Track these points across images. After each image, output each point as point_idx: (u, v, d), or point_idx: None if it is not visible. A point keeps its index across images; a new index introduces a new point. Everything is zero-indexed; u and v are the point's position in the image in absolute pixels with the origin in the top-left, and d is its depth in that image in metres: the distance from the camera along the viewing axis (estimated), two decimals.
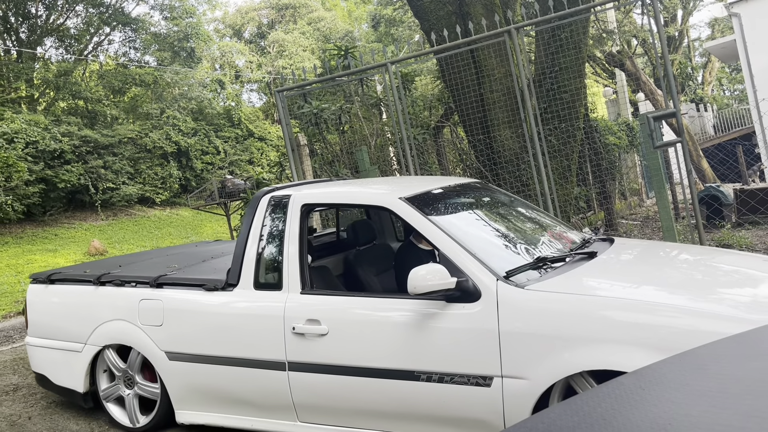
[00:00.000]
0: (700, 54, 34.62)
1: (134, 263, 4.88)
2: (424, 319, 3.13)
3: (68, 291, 4.59)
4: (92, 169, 19.34)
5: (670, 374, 1.17)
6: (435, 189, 3.87)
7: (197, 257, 4.91)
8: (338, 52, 8.51)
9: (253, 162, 25.72)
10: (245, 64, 35.26)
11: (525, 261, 3.30)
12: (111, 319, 4.24)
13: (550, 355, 2.82)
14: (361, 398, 3.32)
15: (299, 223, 3.69)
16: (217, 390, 3.82)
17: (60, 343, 4.54)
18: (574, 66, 7.33)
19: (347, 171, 7.90)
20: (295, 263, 3.61)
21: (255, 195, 3.98)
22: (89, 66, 25.16)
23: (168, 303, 3.99)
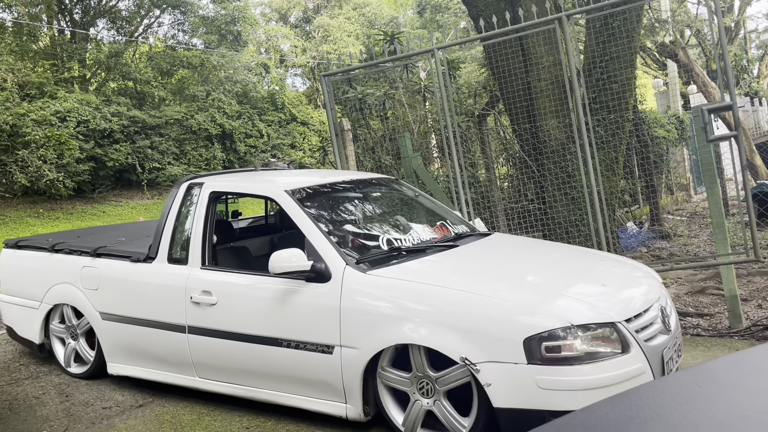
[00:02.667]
0: (757, 46, 33.32)
1: (91, 235, 5.66)
2: (286, 295, 3.69)
3: (30, 256, 5.40)
4: (139, 149, 19.77)
5: (728, 374, 1.14)
6: (327, 183, 4.42)
7: (146, 232, 5.46)
8: (384, 37, 8.48)
9: (296, 146, 25.91)
10: (290, 48, 35.45)
11: (380, 250, 3.84)
12: (60, 282, 5.01)
13: (374, 330, 3.36)
14: (241, 359, 3.91)
15: (206, 208, 4.27)
16: (138, 347, 4.53)
17: (23, 300, 5.35)
18: (625, 56, 7.14)
19: (389, 157, 7.90)
20: (199, 242, 4.21)
21: (177, 181, 4.63)
22: (139, 48, 25.67)
23: (102, 270, 4.71)
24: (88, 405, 4.60)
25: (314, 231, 3.76)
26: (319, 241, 3.70)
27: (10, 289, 5.52)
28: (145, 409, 4.42)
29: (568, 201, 7.20)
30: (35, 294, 5.21)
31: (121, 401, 4.61)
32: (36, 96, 18.24)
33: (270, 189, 4.26)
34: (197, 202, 4.34)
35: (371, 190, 4.77)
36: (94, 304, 4.73)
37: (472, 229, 4.70)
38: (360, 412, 3.52)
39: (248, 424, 3.99)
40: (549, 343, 2.95)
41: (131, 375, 4.68)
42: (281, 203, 4.00)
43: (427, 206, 4.84)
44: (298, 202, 3.95)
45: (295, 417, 3.97)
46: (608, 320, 3.08)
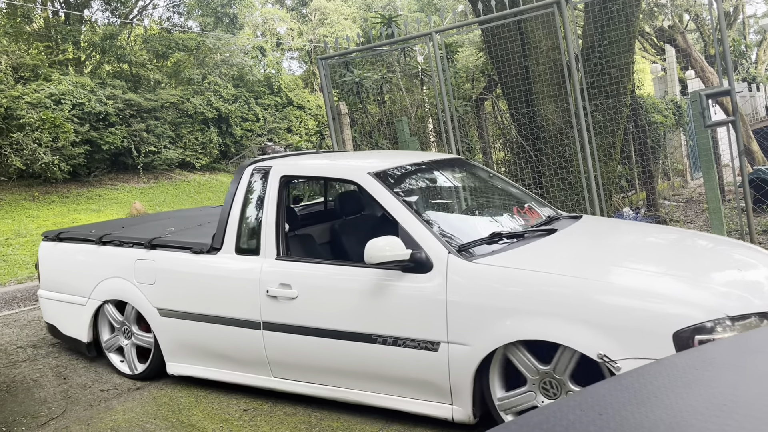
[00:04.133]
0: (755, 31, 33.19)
1: (137, 225, 5.26)
2: (381, 287, 3.37)
3: (74, 249, 4.99)
4: (135, 132, 19.67)
5: (725, 357, 1.14)
6: (408, 164, 4.04)
7: (195, 221, 5.21)
8: (381, 20, 8.42)
9: (292, 130, 25.81)
10: (286, 31, 35.18)
11: (480, 236, 3.50)
12: (110, 277, 4.63)
13: (490, 324, 3.04)
14: (326, 357, 3.62)
15: (278, 193, 3.92)
16: (202, 345, 4.18)
17: (67, 296, 4.95)
18: (623, 40, 7.11)
19: (386, 141, 7.88)
20: (272, 231, 3.86)
21: (240, 165, 4.24)
22: (134, 30, 25.44)
23: (160, 263, 4.34)
24: (86, 387, 4.62)
25: (409, 216, 3.42)
26: (415, 227, 3.37)
27: (52, 284, 5.10)
28: (142, 391, 4.44)
29: (565, 186, 7.20)
30: (82, 290, 4.82)
31: (119, 384, 4.62)
32: (30, 78, 18.09)
33: (351, 172, 3.82)
34: (267, 188, 3.96)
35: (450, 171, 4.35)
36: (150, 299, 4.36)
37: (557, 212, 4.31)
38: (469, 413, 3.23)
39: (246, 406, 4.01)
40: (702, 336, 2.63)
41: (193, 375, 4.34)
42: (366, 187, 3.61)
43: (506, 187, 4.44)
44: (385, 185, 3.60)
45: (291, 401, 3.99)
46: (758, 310, 2.78)
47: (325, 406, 3.85)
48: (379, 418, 3.63)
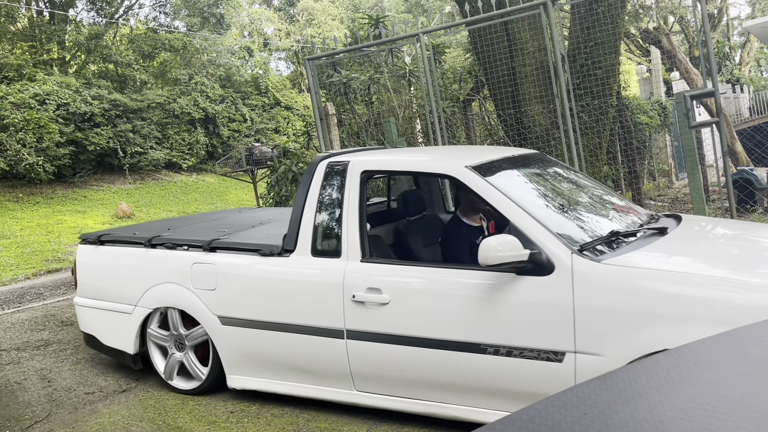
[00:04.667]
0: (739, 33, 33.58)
1: (182, 227, 4.79)
2: (493, 291, 3.05)
3: (119, 252, 4.52)
4: (121, 133, 19.53)
5: (708, 355, 1.15)
6: (498, 158, 3.67)
7: (245, 223, 4.80)
8: (369, 21, 8.42)
9: (280, 131, 25.76)
10: (274, 32, 35.10)
11: (597, 234, 3.19)
12: (162, 282, 4.19)
13: (629, 332, 2.74)
14: (423, 369, 3.27)
15: (359, 190, 3.58)
16: (271, 356, 3.81)
17: (110, 304, 4.50)
18: (609, 42, 7.16)
19: (374, 142, 7.87)
20: (355, 231, 3.52)
21: (312, 161, 3.87)
22: (120, 30, 25.26)
23: (222, 267, 3.93)
24: (71, 390, 4.57)
25: (521, 213, 3.09)
26: (530, 225, 3.04)
27: (92, 291, 4.63)
28: (128, 393, 4.41)
29: None
30: (128, 296, 4.37)
31: (105, 386, 4.58)
32: (14, 78, 17.91)
33: (446, 166, 3.47)
34: (346, 184, 3.61)
35: (538, 167, 3.99)
36: (210, 306, 3.95)
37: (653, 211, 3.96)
38: None
39: (233, 408, 3.99)
40: None
41: (259, 389, 3.96)
42: (467, 182, 3.28)
43: (593, 184, 4.15)
44: (486, 180, 3.28)
45: (278, 402, 3.97)
46: None
47: (312, 408, 3.84)
48: (367, 419, 3.62)
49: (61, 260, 11.26)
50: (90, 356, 5.27)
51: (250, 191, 18.74)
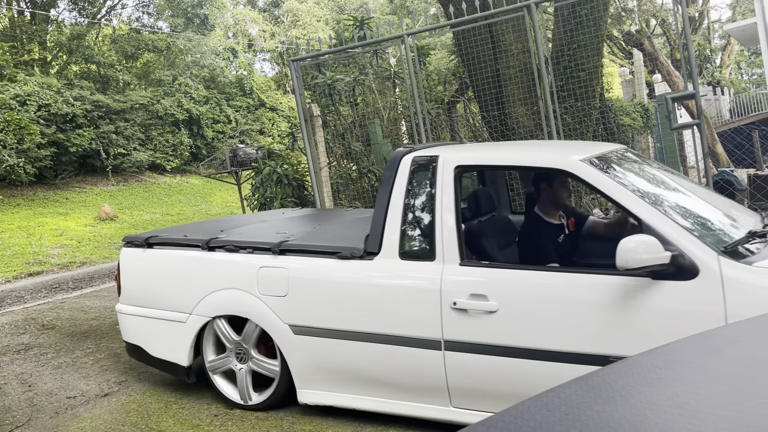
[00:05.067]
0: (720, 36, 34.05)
1: (235, 228, 4.39)
2: (627, 298, 2.76)
3: (171, 256, 4.14)
4: (103, 134, 19.36)
5: (688, 355, 1.17)
6: (603, 153, 3.35)
7: (300, 224, 4.40)
8: (353, 22, 8.42)
9: (264, 132, 25.67)
10: (258, 33, 34.98)
11: (734, 235, 2.91)
12: (223, 288, 3.84)
13: None
14: (536, 383, 2.95)
15: (453, 187, 3.27)
16: (351, 368, 3.50)
17: (159, 312, 4.12)
18: (592, 44, 7.23)
19: (359, 144, 7.88)
20: (452, 232, 3.21)
21: (392, 156, 3.58)
22: (102, 30, 25.04)
23: (295, 272, 3.59)
24: (52, 395, 4.52)
25: (654, 212, 2.80)
26: (666, 224, 2.74)
27: (138, 297, 4.26)
28: (110, 398, 4.36)
29: None
30: (181, 304, 4.01)
31: (86, 390, 4.53)
32: None
33: (557, 160, 3.15)
34: (437, 181, 3.31)
35: (639, 163, 3.64)
36: (280, 314, 3.62)
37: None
38: None
39: (216, 411, 3.96)
40: None
41: (336, 404, 3.62)
42: (585, 177, 2.98)
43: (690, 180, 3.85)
44: (607, 175, 3.01)
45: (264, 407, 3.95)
46: None
47: (296, 410, 3.82)
48: (352, 421, 3.62)
49: (42, 263, 11.12)
50: (71, 360, 5.21)
51: (234, 193, 18.64)
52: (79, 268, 10.72)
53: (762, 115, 22.74)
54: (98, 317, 6.52)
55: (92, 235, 14.01)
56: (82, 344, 5.68)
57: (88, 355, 5.34)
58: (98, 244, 13.02)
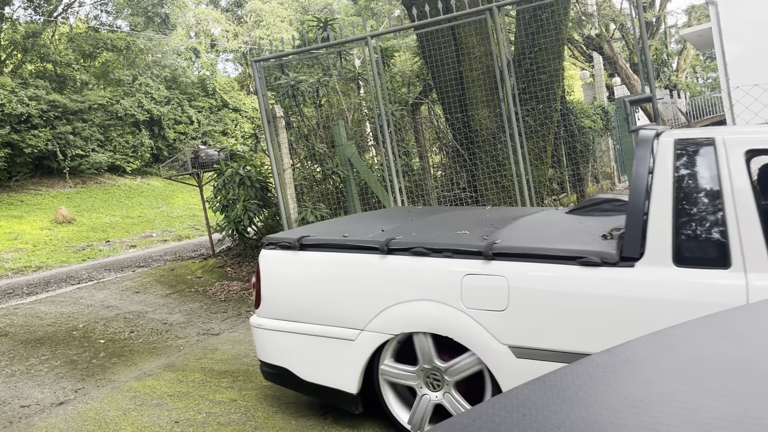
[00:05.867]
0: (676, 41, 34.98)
1: (400, 227, 3.74)
2: None
3: (334, 260, 3.48)
4: (60, 135, 18.87)
5: (642, 353, 1.18)
6: None
7: (483, 221, 3.74)
8: (317, 23, 8.38)
9: (227, 133, 25.37)
10: (221, 33, 34.56)
11: None
12: (409, 299, 3.20)
13: None
14: None
15: (747, 175, 2.73)
16: None
17: (316, 327, 3.49)
18: (553, 47, 7.33)
19: (323, 145, 7.84)
20: (754, 231, 2.64)
21: (641, 137, 3.00)
22: (59, 28, 24.41)
23: (518, 281, 2.95)
24: (5, 404, 4.37)
25: None
26: None
27: (285, 310, 3.61)
28: (66, 406, 4.24)
29: (499, 189, 7.35)
30: (348, 318, 3.36)
31: (41, 399, 4.40)
32: None
33: None
34: (721, 168, 2.74)
35: None
36: (495, 333, 2.99)
37: None
38: None
39: (177, 417, 3.89)
40: None
41: None
42: None
43: None
44: None
45: (225, 410, 3.89)
46: None
47: (259, 415, 3.78)
48: (316, 423, 3.59)
49: None
50: (25, 368, 5.05)
51: (197, 195, 18.37)
52: (35, 272, 10.41)
53: (716, 118, 23.43)
54: (54, 323, 6.34)
55: (48, 239, 13.63)
56: (37, 351, 5.51)
57: (43, 363, 5.18)
58: (55, 248, 12.67)
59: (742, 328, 1.28)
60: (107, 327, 6.12)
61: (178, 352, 5.35)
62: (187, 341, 5.67)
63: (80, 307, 6.82)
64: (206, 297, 7.30)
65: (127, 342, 5.70)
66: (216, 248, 9.57)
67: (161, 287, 7.69)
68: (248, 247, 8.94)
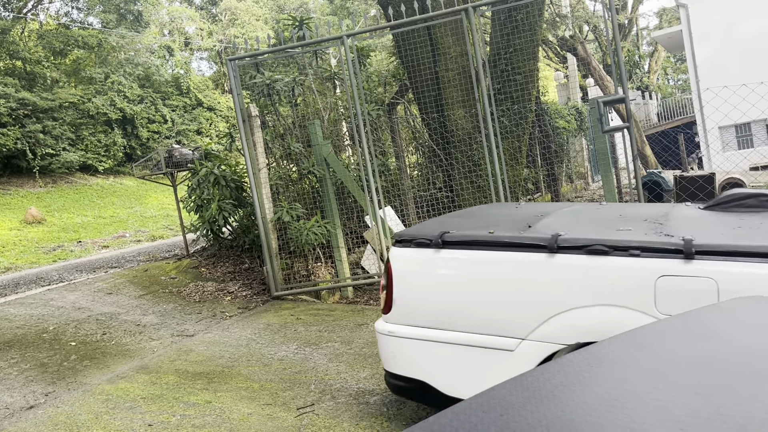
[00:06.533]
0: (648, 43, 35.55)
1: (552, 222, 3.30)
2: None
3: (488, 260, 3.06)
4: (30, 134, 18.49)
5: (618, 352, 1.19)
6: None
7: (627, 217, 3.38)
8: (293, 22, 8.33)
9: (202, 132, 25.11)
10: (195, 31, 34.19)
11: None
12: (586, 305, 2.83)
13: None
14: None
15: None
16: None
17: (464, 336, 3.10)
18: (528, 48, 7.39)
19: (299, 145, 7.80)
20: None
21: None
22: (28, 25, 23.91)
23: (732, 285, 2.51)
24: None
25: None
26: None
27: (424, 315, 3.18)
28: (36, 410, 4.15)
29: (475, 189, 7.39)
30: (506, 326, 2.98)
31: (10, 403, 4.30)
32: None
33: None
34: None
35: None
36: None
37: None
38: None
39: (151, 420, 3.83)
40: None
41: None
42: None
43: None
44: None
45: (199, 413, 3.85)
46: None
47: (234, 417, 3.74)
48: (291, 425, 3.57)
49: None
50: None
51: (170, 195, 18.15)
52: (3, 274, 10.19)
53: (687, 119, 23.86)
54: (23, 326, 6.20)
55: (18, 239, 13.35)
56: (6, 354, 5.39)
57: (12, 366, 5.07)
58: (24, 249, 12.41)
59: (715, 327, 1.30)
60: (78, 329, 6.01)
61: (152, 353, 5.28)
62: (161, 343, 5.59)
63: (51, 308, 6.69)
64: (180, 298, 7.21)
65: (99, 344, 5.60)
66: (190, 248, 9.47)
67: (134, 288, 7.57)
68: (223, 247, 8.85)
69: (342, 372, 4.43)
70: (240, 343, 5.39)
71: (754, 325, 1.30)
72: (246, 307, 6.82)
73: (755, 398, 0.93)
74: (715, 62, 16.98)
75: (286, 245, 7.30)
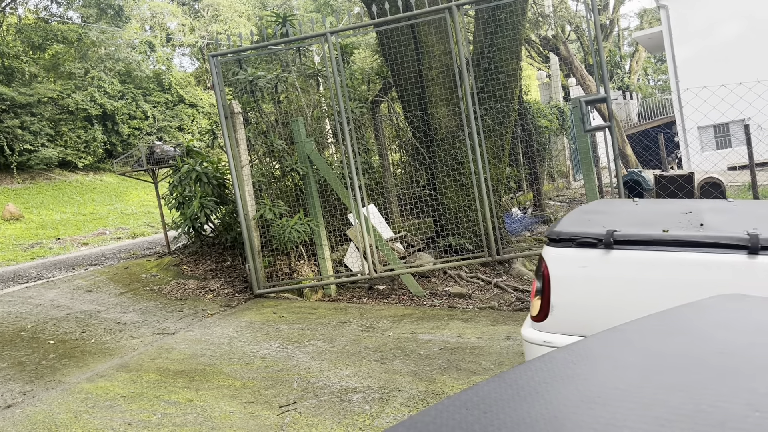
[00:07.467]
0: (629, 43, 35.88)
1: (724, 219, 2.97)
2: None
3: (676, 261, 2.73)
4: (7, 129, 18.20)
5: (599, 349, 1.20)
6: None
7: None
8: (276, 19, 8.28)
9: (183, 129, 24.89)
10: (177, 26, 33.86)
11: None
12: None
13: None
14: None
15: None
16: None
17: None
18: (511, 47, 7.42)
19: (282, 142, 7.76)
20: None
21: None
22: (6, 19, 23.52)
23: None
24: None
25: None
26: None
27: (593, 324, 2.69)
28: (14, 409, 4.09)
29: (458, 187, 7.41)
30: None
31: None
32: None
33: None
34: None
35: None
36: None
37: None
38: None
39: (131, 419, 3.79)
40: None
41: None
42: None
43: None
44: None
45: (181, 411, 3.82)
46: None
47: (216, 415, 3.72)
48: (273, 423, 3.55)
49: None
50: None
51: (151, 191, 17.97)
52: None
53: (667, 119, 24.12)
54: (0, 324, 6.11)
55: None
56: None
57: None
58: (1, 246, 12.22)
59: (695, 324, 1.32)
60: (57, 327, 5.93)
61: (132, 352, 5.23)
62: (142, 341, 5.54)
63: (29, 306, 6.60)
64: (161, 296, 7.14)
65: (78, 342, 5.53)
66: (172, 246, 9.38)
67: (115, 286, 7.49)
68: (205, 244, 8.79)
69: (325, 370, 4.42)
70: (222, 341, 5.36)
71: (731, 323, 1.32)
72: (228, 305, 6.78)
73: (734, 395, 0.94)
74: (694, 63, 17.20)
75: (269, 243, 7.26)
